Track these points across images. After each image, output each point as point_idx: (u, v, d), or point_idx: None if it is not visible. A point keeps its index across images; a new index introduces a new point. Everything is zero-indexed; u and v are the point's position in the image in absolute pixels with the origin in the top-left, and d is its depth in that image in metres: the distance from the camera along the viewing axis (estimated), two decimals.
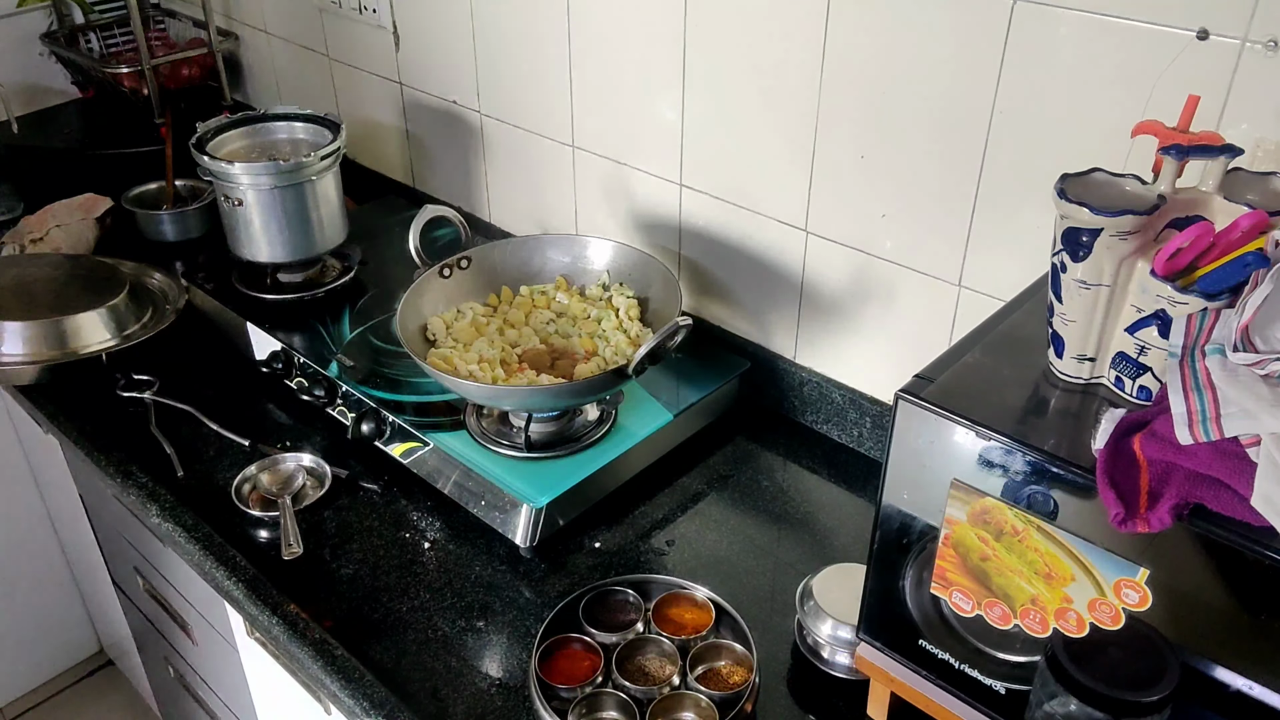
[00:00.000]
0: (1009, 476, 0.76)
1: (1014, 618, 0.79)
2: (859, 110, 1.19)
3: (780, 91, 1.25)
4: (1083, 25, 0.97)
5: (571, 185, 1.61)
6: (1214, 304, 0.70)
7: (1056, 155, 1.04)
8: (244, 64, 2.24)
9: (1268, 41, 0.87)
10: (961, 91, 1.09)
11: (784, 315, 1.41)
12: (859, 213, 1.25)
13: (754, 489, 1.33)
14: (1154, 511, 0.66)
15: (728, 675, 1.05)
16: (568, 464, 1.25)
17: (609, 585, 1.13)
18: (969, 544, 0.80)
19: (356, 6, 1.79)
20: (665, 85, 1.38)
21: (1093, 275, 0.76)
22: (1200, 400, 0.66)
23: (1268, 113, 0.89)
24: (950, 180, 1.14)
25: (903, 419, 0.81)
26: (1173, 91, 0.92)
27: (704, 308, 1.51)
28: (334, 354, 1.46)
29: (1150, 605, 0.71)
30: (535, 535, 1.20)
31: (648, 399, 1.36)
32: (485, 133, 1.72)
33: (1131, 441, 0.69)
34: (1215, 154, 0.76)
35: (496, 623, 1.14)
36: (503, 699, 1.05)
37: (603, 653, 1.05)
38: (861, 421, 1.36)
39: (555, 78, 1.53)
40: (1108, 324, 0.78)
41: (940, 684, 0.90)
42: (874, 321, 1.30)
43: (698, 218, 1.45)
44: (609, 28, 1.42)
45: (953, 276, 1.19)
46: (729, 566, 1.20)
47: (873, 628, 0.94)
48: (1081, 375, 0.81)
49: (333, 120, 1.72)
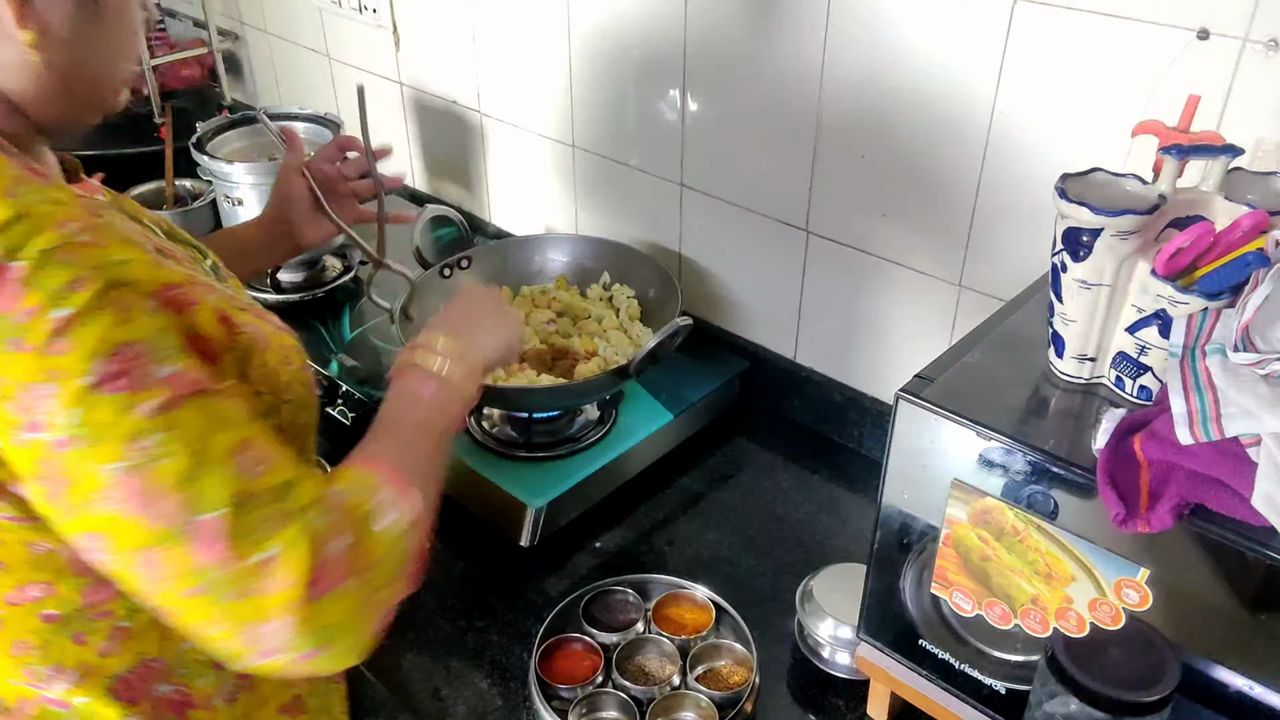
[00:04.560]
0: (1009, 476, 0.76)
1: (1014, 618, 0.79)
2: (859, 110, 1.19)
3: (781, 91, 1.25)
4: (1083, 25, 0.97)
5: (571, 185, 1.61)
6: (1214, 304, 0.70)
7: (1056, 155, 1.04)
8: (244, 64, 2.24)
9: (1268, 41, 0.87)
10: (961, 91, 1.09)
11: (784, 315, 1.41)
12: (859, 213, 1.25)
13: (754, 489, 1.33)
14: (1154, 511, 0.66)
15: (728, 675, 1.05)
16: (568, 464, 1.25)
17: (609, 585, 1.13)
18: (969, 544, 0.80)
19: (356, 6, 1.79)
20: (665, 85, 1.38)
21: (1093, 275, 0.76)
22: (1201, 400, 0.66)
23: (1268, 113, 0.89)
24: (950, 180, 1.14)
25: (903, 419, 0.81)
26: (1173, 91, 0.92)
27: (704, 308, 1.51)
28: (334, 353, 1.46)
29: (1150, 605, 0.71)
30: (535, 535, 1.20)
31: (648, 399, 1.36)
32: (485, 133, 1.72)
33: (1132, 441, 0.69)
34: (1215, 154, 0.77)
35: (496, 623, 1.14)
36: (503, 699, 1.05)
37: (603, 653, 1.05)
38: (861, 421, 1.36)
39: (555, 78, 1.53)
40: (1108, 324, 0.78)
41: (940, 684, 0.90)
42: (874, 321, 1.30)
43: (697, 218, 1.45)
44: (609, 27, 1.42)
45: (953, 276, 1.19)
46: (729, 566, 1.20)
47: (873, 628, 0.94)
48: (1082, 375, 0.81)
49: (333, 120, 1.72)
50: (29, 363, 0.57)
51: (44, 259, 0.58)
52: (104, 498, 0.59)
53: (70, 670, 0.71)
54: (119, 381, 0.58)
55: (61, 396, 0.57)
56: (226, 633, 0.62)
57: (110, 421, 0.58)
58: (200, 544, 0.60)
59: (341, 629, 0.65)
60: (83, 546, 0.63)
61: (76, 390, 0.57)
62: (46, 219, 0.59)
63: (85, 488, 0.59)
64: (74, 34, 0.66)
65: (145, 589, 0.63)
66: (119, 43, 0.71)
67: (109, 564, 0.63)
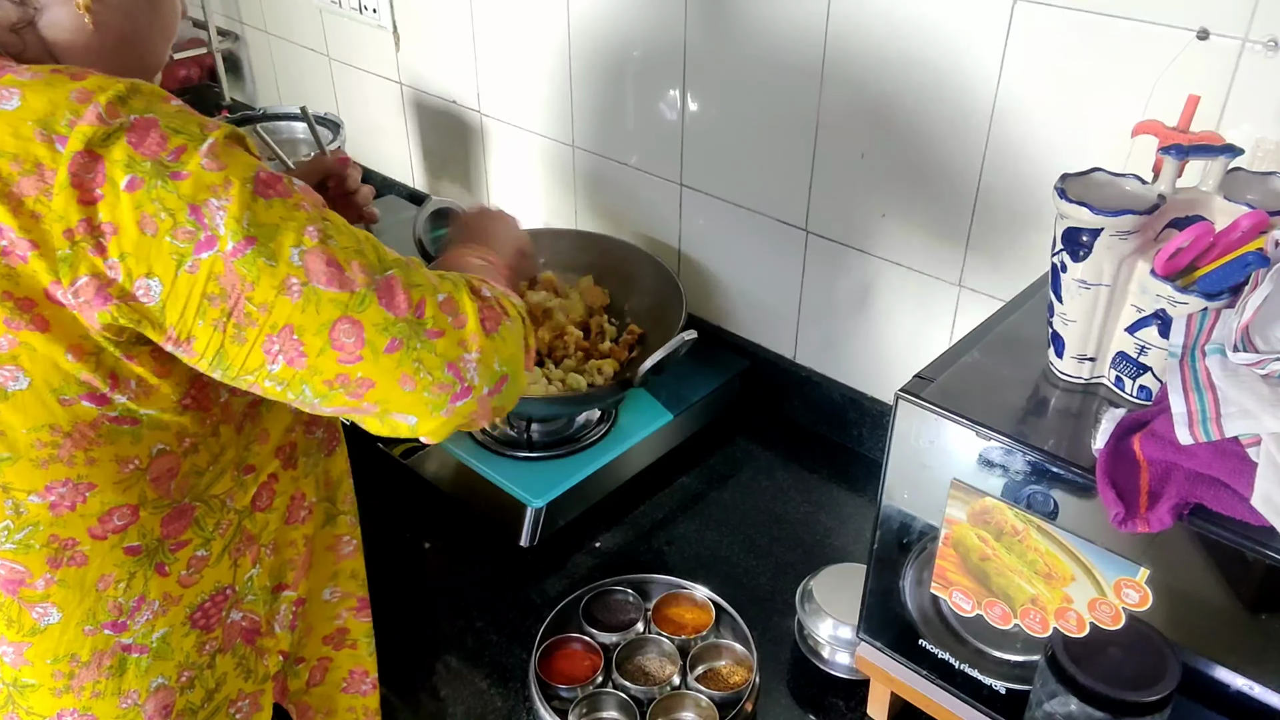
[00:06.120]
0: (1009, 476, 0.76)
1: (1014, 618, 0.79)
2: (859, 110, 1.19)
3: (781, 91, 1.25)
4: (1083, 25, 0.97)
5: (571, 185, 1.61)
6: (1214, 304, 0.70)
7: (1056, 155, 1.04)
8: (244, 64, 2.24)
9: (1268, 41, 0.87)
10: (962, 91, 1.09)
11: (784, 315, 1.41)
12: (859, 213, 1.25)
13: (754, 489, 1.33)
14: (1154, 511, 0.66)
15: (728, 675, 1.05)
16: (568, 464, 1.25)
17: (609, 585, 1.13)
18: (969, 544, 0.80)
19: (356, 6, 1.79)
20: (665, 85, 1.38)
21: (1093, 275, 0.76)
22: (1200, 400, 0.66)
23: (1268, 113, 0.89)
24: (950, 180, 1.14)
25: (903, 419, 0.81)
26: (1173, 91, 0.92)
27: (704, 308, 1.51)
28: None
29: (1150, 605, 0.71)
30: (535, 535, 1.20)
31: (648, 399, 1.36)
32: (485, 132, 1.72)
33: (1131, 441, 0.69)
34: (1215, 154, 0.77)
35: (496, 622, 1.14)
36: (503, 699, 1.05)
37: (603, 653, 1.05)
38: (861, 421, 1.36)
39: (555, 78, 1.53)
40: (1108, 324, 0.78)
41: (940, 684, 0.90)
42: (874, 321, 1.30)
43: (698, 218, 1.45)
44: (609, 27, 1.42)
45: (953, 276, 1.19)
46: (729, 566, 1.20)
47: (873, 628, 0.94)
48: (1081, 375, 0.81)
49: (333, 120, 1.72)
50: (190, 186, 0.61)
51: (177, 111, 0.64)
52: (288, 285, 0.63)
53: (153, 600, 0.76)
54: (271, 189, 0.64)
55: (230, 207, 0.62)
56: (427, 382, 0.68)
57: (280, 216, 0.64)
58: (390, 298, 0.66)
59: (514, 361, 0.73)
60: (256, 367, 0.65)
61: (242, 196, 0.63)
62: (157, 91, 0.64)
63: (269, 283, 0.63)
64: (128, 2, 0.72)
65: (336, 371, 0.66)
66: (166, 18, 0.76)
67: (295, 360, 0.65)
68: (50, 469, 0.67)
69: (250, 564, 0.82)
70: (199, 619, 0.79)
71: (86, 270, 0.61)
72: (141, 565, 0.74)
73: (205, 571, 0.78)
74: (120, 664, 0.76)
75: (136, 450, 0.69)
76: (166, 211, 0.61)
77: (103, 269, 0.61)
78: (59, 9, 0.69)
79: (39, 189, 0.60)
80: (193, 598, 0.78)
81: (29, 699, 0.76)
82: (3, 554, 0.70)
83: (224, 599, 0.81)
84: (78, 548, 0.71)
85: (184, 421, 0.71)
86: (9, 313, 0.62)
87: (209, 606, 0.80)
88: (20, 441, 0.66)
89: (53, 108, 0.60)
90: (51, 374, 0.64)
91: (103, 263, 0.61)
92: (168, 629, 0.77)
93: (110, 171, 0.60)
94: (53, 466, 0.67)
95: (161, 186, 0.61)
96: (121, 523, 0.72)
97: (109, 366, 0.65)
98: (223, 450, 0.75)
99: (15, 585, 0.71)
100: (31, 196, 0.60)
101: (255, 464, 0.79)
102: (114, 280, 0.61)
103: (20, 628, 0.73)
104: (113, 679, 0.76)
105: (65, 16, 0.69)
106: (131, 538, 0.73)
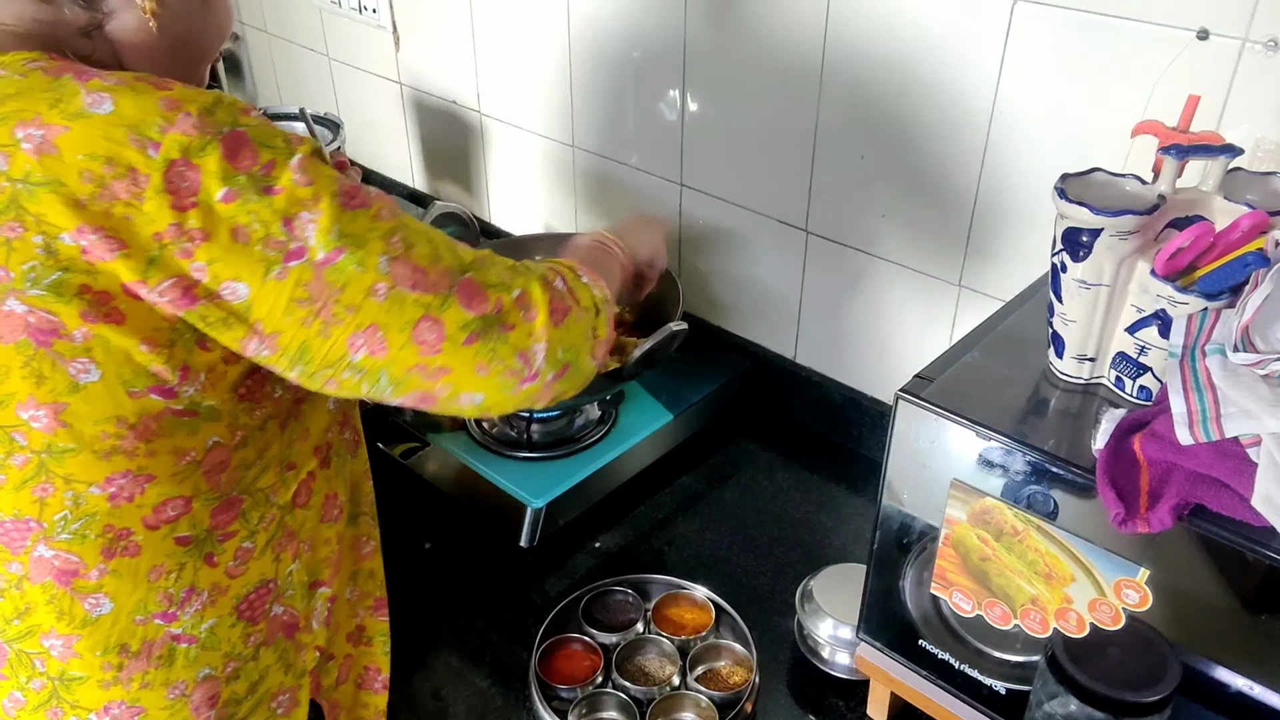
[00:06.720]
0: (1009, 476, 0.76)
1: (1014, 618, 0.79)
2: (859, 110, 1.19)
3: (781, 91, 1.25)
4: (1083, 25, 0.97)
5: (571, 185, 1.61)
6: (1214, 304, 0.70)
7: (1056, 155, 1.04)
8: (244, 64, 2.23)
9: (1268, 41, 0.87)
10: (961, 92, 1.09)
11: (784, 315, 1.41)
12: (859, 213, 1.25)
13: (754, 489, 1.33)
14: (1154, 511, 0.66)
15: (728, 675, 1.05)
16: (568, 464, 1.25)
17: (609, 585, 1.13)
18: (969, 544, 0.80)
19: (356, 6, 1.79)
20: (665, 85, 1.38)
21: (1093, 275, 0.76)
22: (1200, 400, 0.66)
23: (1268, 113, 0.89)
24: (950, 180, 1.14)
25: (903, 419, 0.81)
26: (1173, 91, 0.92)
27: (704, 308, 1.51)
28: None
29: (1150, 605, 0.71)
30: (535, 535, 1.20)
31: (648, 399, 1.36)
32: (485, 132, 1.72)
33: (1132, 441, 0.69)
34: (1215, 154, 0.77)
35: (496, 622, 1.14)
36: (503, 699, 1.05)
37: (603, 653, 1.05)
38: (861, 421, 1.36)
39: (555, 78, 1.53)
40: (1108, 324, 0.78)
41: (940, 684, 0.90)
42: (874, 321, 1.30)
43: (698, 218, 1.45)
44: (609, 27, 1.42)
45: (953, 276, 1.19)
46: (729, 566, 1.20)
47: (873, 628, 0.94)
48: (1081, 375, 0.81)
49: (333, 120, 1.72)
50: (284, 200, 0.65)
51: (260, 124, 0.67)
52: (374, 290, 0.67)
53: (202, 590, 0.77)
54: (354, 201, 0.68)
55: (321, 220, 0.66)
56: (499, 368, 0.72)
57: (365, 228, 0.68)
58: (469, 299, 0.71)
59: (578, 350, 0.77)
60: (338, 358, 0.68)
61: (331, 209, 0.66)
62: (237, 103, 0.67)
63: (358, 287, 0.67)
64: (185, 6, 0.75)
65: (415, 361, 0.70)
66: (220, 18, 0.80)
67: (378, 351, 0.68)
68: (112, 460, 0.69)
69: (290, 559, 0.83)
70: (245, 610, 0.80)
71: (174, 272, 0.64)
72: (191, 556, 0.75)
73: (250, 564, 0.80)
74: (169, 654, 0.77)
75: (193, 442, 0.71)
76: (260, 223, 0.64)
77: (188, 271, 0.64)
78: (126, 13, 0.72)
79: (131, 192, 0.62)
80: (239, 589, 0.79)
81: (75, 693, 0.76)
82: (58, 544, 0.71)
83: (267, 592, 0.82)
84: (132, 537, 0.72)
85: (237, 411, 0.73)
86: (86, 305, 0.64)
87: (254, 599, 0.81)
88: (87, 433, 0.67)
89: (143, 114, 0.63)
90: (124, 366, 0.66)
91: (189, 265, 0.64)
92: (216, 619, 0.78)
93: (205, 182, 0.63)
94: (114, 458, 0.69)
95: (257, 200, 0.64)
96: (174, 513, 0.73)
97: (181, 358, 0.68)
98: (268, 445, 0.77)
99: (69, 576, 0.72)
100: (123, 200, 0.62)
101: (296, 461, 0.81)
102: (199, 282, 0.64)
103: (71, 619, 0.73)
104: (161, 669, 0.77)
105: (131, 20, 0.72)
106: (182, 528, 0.74)
